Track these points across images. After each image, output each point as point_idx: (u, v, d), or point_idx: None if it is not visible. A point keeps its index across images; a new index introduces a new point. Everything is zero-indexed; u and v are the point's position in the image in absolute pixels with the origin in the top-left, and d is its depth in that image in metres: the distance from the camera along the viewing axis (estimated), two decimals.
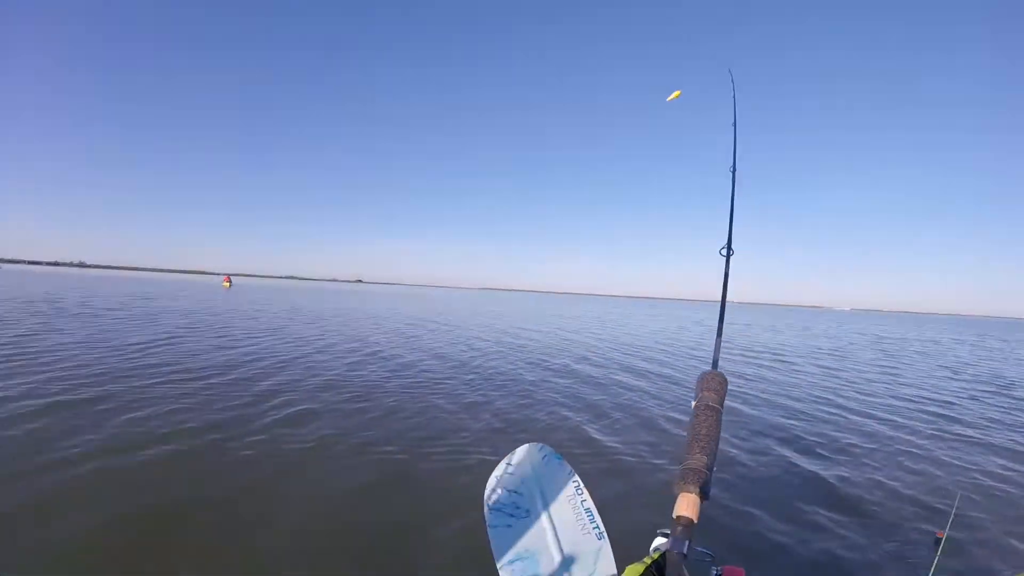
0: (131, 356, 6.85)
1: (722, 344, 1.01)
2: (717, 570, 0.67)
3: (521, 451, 1.37)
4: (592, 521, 1.20)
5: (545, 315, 26.58)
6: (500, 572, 1.09)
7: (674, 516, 0.72)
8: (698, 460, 0.76)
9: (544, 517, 1.22)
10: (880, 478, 3.69)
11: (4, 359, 6.08)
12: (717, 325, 1.03)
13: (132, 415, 4.21)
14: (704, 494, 0.73)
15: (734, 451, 4.16)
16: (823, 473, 3.74)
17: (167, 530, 2.54)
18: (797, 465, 3.91)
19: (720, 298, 1.04)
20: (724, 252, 1.09)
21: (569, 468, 1.30)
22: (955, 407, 6.49)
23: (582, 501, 1.24)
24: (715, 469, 0.81)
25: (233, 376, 6.03)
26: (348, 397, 5.35)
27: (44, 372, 5.55)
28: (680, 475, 0.75)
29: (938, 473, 3.87)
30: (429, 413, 4.88)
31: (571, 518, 1.20)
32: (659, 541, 0.70)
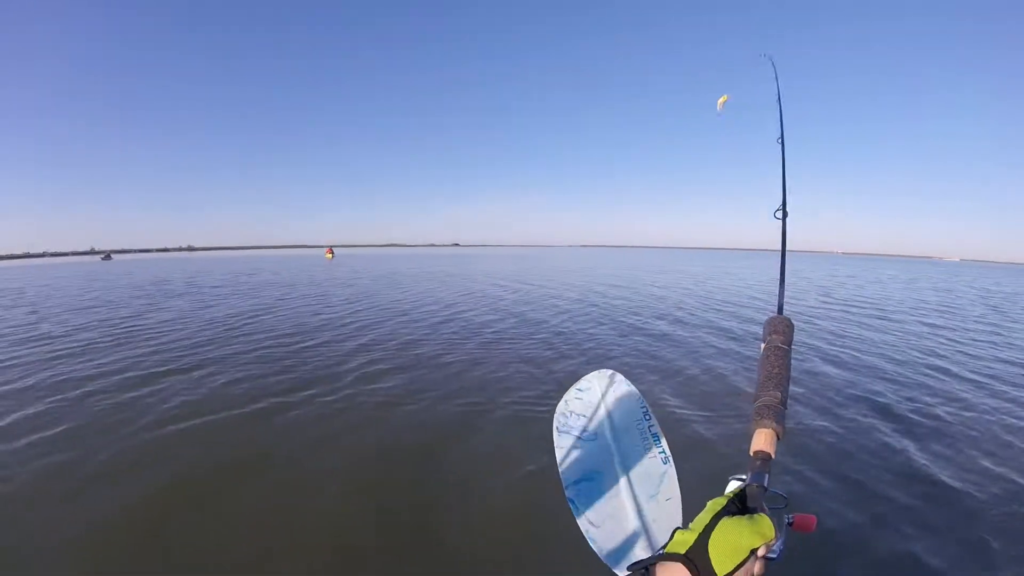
0: (233, 327, 7.58)
1: (818, 299, 0.96)
2: (789, 518, 0.67)
3: (591, 376, 1.41)
4: (659, 446, 1.21)
5: (637, 269, 25.62)
6: (566, 492, 1.15)
7: (751, 452, 0.73)
8: (772, 396, 0.76)
9: (611, 440, 1.26)
10: (971, 451, 3.28)
11: (111, 339, 6.71)
12: (779, 274, 1.09)
13: (227, 379, 4.63)
14: (780, 429, 0.73)
15: (813, 412, 3.90)
16: (908, 443, 3.38)
17: (239, 482, 2.74)
18: (880, 430, 3.58)
19: (780, 252, 1.14)
20: (779, 215, 1.15)
21: (638, 394, 1.32)
22: None
23: (649, 427, 1.26)
24: (788, 410, 0.81)
25: (325, 338, 6.58)
26: (432, 354, 5.64)
27: (147, 347, 6.14)
28: (755, 412, 0.76)
29: None
30: (508, 369, 5.00)
31: (637, 442, 1.23)
32: (733, 486, 0.70)
